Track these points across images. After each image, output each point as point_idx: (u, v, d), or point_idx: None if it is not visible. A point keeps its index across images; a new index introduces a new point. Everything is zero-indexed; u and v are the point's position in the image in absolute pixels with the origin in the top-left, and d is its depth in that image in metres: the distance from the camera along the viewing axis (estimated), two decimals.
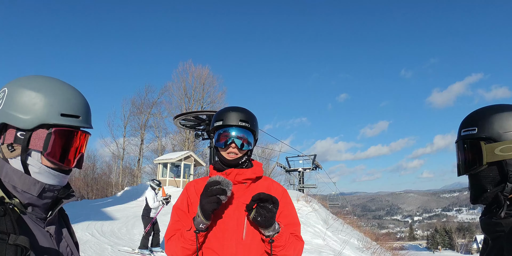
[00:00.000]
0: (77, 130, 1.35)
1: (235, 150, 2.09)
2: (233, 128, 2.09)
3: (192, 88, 44.25)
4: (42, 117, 1.27)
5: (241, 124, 2.09)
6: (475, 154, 1.43)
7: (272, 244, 1.96)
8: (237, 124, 2.09)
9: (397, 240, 66.86)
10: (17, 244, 1.11)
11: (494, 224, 1.37)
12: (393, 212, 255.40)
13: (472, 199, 1.50)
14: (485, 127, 1.42)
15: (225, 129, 2.10)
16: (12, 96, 1.28)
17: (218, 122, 2.12)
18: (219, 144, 2.11)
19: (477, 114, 1.49)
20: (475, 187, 1.47)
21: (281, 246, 1.98)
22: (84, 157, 1.43)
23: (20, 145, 1.27)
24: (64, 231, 1.47)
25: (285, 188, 2.26)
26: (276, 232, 1.95)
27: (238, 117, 2.10)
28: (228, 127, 2.10)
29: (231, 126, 2.10)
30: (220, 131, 2.12)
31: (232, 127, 2.09)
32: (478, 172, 1.44)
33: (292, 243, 2.03)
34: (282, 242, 1.97)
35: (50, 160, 1.29)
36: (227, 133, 2.10)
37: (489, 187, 1.42)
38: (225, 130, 2.10)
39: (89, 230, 11.96)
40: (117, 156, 47.79)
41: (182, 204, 2.14)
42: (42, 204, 1.32)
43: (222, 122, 2.11)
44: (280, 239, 1.96)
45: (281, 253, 2.00)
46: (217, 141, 2.12)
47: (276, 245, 1.97)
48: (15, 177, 1.26)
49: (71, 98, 1.34)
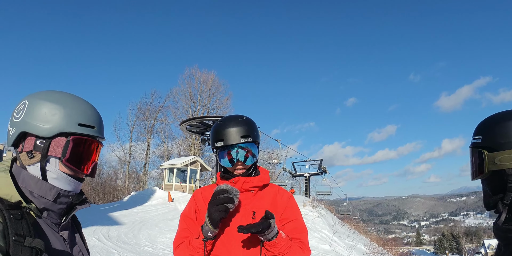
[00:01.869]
0: (93, 139, 1.45)
1: (241, 166, 2.09)
2: (236, 147, 2.06)
3: (198, 93, 44.58)
4: (62, 126, 1.37)
5: (243, 141, 2.05)
6: (480, 162, 1.46)
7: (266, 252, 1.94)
8: (239, 141, 2.04)
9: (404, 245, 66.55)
10: (33, 246, 1.19)
11: (506, 230, 1.38)
12: (400, 217, 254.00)
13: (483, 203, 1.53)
14: (487, 137, 1.45)
15: (228, 149, 2.07)
16: (33, 108, 1.38)
17: (219, 143, 2.07)
18: (225, 163, 2.09)
19: (484, 123, 1.51)
20: (484, 192, 1.51)
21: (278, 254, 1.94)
22: (97, 166, 1.53)
23: (39, 152, 1.36)
24: (77, 236, 1.56)
25: (292, 194, 2.26)
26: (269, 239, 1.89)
27: (239, 134, 2.05)
28: (230, 146, 2.06)
29: (233, 145, 2.05)
30: (223, 151, 2.08)
31: (235, 146, 2.06)
32: (485, 178, 1.47)
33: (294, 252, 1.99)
34: (276, 251, 1.93)
35: (67, 166, 1.39)
36: (231, 152, 2.06)
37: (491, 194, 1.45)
38: (228, 149, 2.07)
39: (95, 235, 11.96)
40: (123, 161, 48.10)
41: (190, 212, 2.15)
42: (57, 209, 1.40)
43: (223, 142, 2.05)
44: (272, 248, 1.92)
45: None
46: (222, 159, 2.09)
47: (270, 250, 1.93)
48: (32, 183, 1.34)
49: (87, 110, 1.46)
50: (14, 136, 1.38)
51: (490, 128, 1.45)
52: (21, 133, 1.37)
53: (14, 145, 1.41)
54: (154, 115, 47.18)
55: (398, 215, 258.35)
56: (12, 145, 1.42)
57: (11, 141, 1.40)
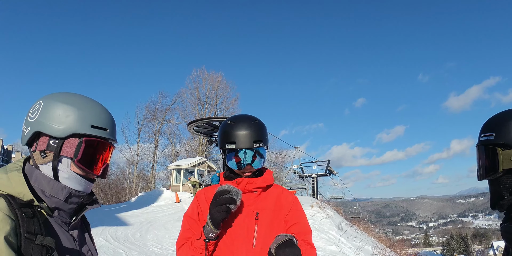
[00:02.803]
0: (105, 141, 1.49)
1: (249, 169, 2.07)
2: (248, 151, 2.02)
3: (206, 94, 44.69)
4: (75, 127, 1.41)
5: (256, 146, 2.01)
6: (492, 160, 1.41)
7: None
8: (251, 146, 2.00)
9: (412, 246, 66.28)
10: (43, 244, 1.23)
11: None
12: (408, 218, 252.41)
13: (490, 204, 1.49)
14: (502, 133, 1.39)
15: (238, 152, 2.02)
16: (47, 108, 1.42)
17: (231, 145, 2.01)
18: (233, 165, 2.05)
19: (496, 119, 1.46)
20: (493, 193, 1.46)
21: None
22: (108, 168, 1.56)
23: (52, 152, 1.40)
24: (86, 236, 1.59)
25: (296, 196, 2.24)
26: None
27: (251, 139, 2.00)
28: (241, 150, 2.02)
29: (245, 149, 2.02)
30: (233, 153, 2.03)
31: (247, 150, 2.02)
32: (496, 178, 1.42)
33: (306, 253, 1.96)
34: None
35: (79, 167, 1.42)
36: (241, 155, 2.02)
37: (506, 194, 1.40)
38: (238, 152, 2.02)
39: (103, 235, 11.99)
40: (131, 162, 48.25)
41: (192, 213, 2.13)
42: (68, 208, 1.44)
43: (235, 146, 2.00)
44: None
45: None
46: (229, 160, 2.05)
47: None
48: (44, 182, 1.38)
49: (100, 113, 1.50)
50: (29, 135, 1.42)
51: (504, 124, 1.40)
52: (35, 133, 1.41)
53: (28, 144, 1.45)
54: (162, 116, 47.47)
55: (406, 216, 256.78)
56: (26, 144, 1.46)
57: (25, 140, 1.44)
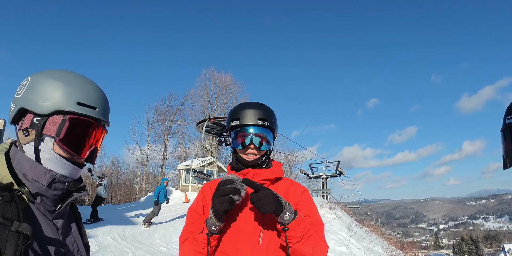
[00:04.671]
0: (93, 121, 1.37)
1: (254, 151, 1.95)
2: (251, 128, 1.94)
3: (215, 95, 44.81)
4: (59, 104, 1.31)
5: (259, 123, 1.93)
6: None
7: (287, 233, 1.75)
8: (255, 123, 1.93)
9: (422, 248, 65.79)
10: (19, 231, 1.11)
11: None
12: (418, 220, 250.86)
13: None
14: None
15: (242, 128, 1.95)
16: (34, 84, 1.34)
17: (235, 122, 1.96)
18: (237, 145, 1.96)
19: None
20: None
21: (298, 237, 1.76)
22: (98, 152, 1.43)
23: (35, 130, 1.31)
24: (73, 226, 1.47)
25: (306, 188, 2.09)
26: (290, 220, 1.74)
27: (256, 115, 1.94)
28: (245, 126, 1.94)
29: (248, 126, 1.94)
30: (237, 130, 1.96)
31: (250, 126, 1.94)
32: None
33: (312, 237, 1.81)
34: (299, 233, 1.75)
35: (61, 147, 1.31)
36: (244, 133, 1.94)
37: None
38: (242, 130, 1.95)
39: (110, 234, 11.96)
40: (141, 162, 48.43)
41: (197, 206, 2.01)
42: (51, 195, 1.33)
43: (239, 122, 1.95)
44: (296, 229, 1.75)
45: (298, 246, 1.77)
46: (234, 140, 1.97)
47: (292, 235, 1.75)
48: (26, 165, 1.28)
49: (89, 90, 1.38)
50: (14, 112, 1.34)
51: None
52: (21, 110, 1.33)
53: (14, 122, 1.37)
54: (171, 116, 47.59)
55: (416, 218, 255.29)
56: (12, 123, 1.38)
57: (11, 117, 1.36)
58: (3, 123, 26.77)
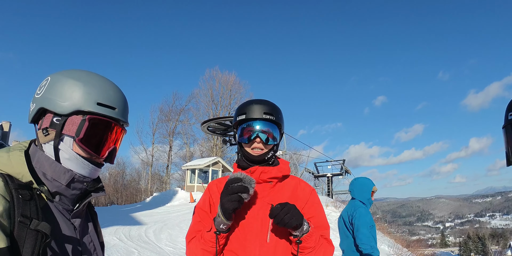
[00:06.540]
0: (112, 121, 1.38)
1: (260, 145, 1.96)
2: (257, 122, 1.96)
3: (219, 95, 44.83)
4: (79, 103, 1.32)
5: (265, 117, 1.95)
6: None
7: (300, 245, 1.80)
8: (261, 117, 1.95)
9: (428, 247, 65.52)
10: (38, 229, 1.13)
11: None
12: (424, 218, 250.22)
13: None
14: None
15: (248, 123, 1.97)
16: (54, 84, 1.34)
17: (241, 116, 1.99)
18: (243, 139, 1.98)
19: None
20: None
21: (310, 248, 1.82)
22: (117, 152, 1.45)
23: (54, 130, 1.32)
24: (90, 226, 1.49)
25: (314, 188, 2.11)
26: (304, 233, 1.80)
27: (262, 110, 1.97)
28: (251, 121, 1.96)
29: (255, 120, 1.96)
30: (244, 125, 1.98)
31: (256, 121, 1.96)
32: None
33: (322, 246, 1.88)
34: (311, 243, 1.82)
35: (80, 147, 1.32)
36: (251, 127, 1.96)
37: None
38: (248, 124, 1.97)
39: (117, 235, 12.01)
40: (146, 163, 48.54)
41: (204, 204, 2.01)
42: (70, 194, 1.34)
43: (245, 116, 1.97)
44: (309, 240, 1.81)
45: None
46: (241, 136, 1.99)
47: (305, 246, 1.81)
48: (46, 164, 1.30)
49: (109, 90, 1.39)
50: (34, 112, 1.35)
51: None
52: (40, 109, 1.34)
53: (34, 122, 1.38)
54: (176, 117, 47.75)
55: (422, 216, 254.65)
56: (32, 122, 1.39)
57: (30, 116, 1.37)
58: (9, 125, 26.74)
